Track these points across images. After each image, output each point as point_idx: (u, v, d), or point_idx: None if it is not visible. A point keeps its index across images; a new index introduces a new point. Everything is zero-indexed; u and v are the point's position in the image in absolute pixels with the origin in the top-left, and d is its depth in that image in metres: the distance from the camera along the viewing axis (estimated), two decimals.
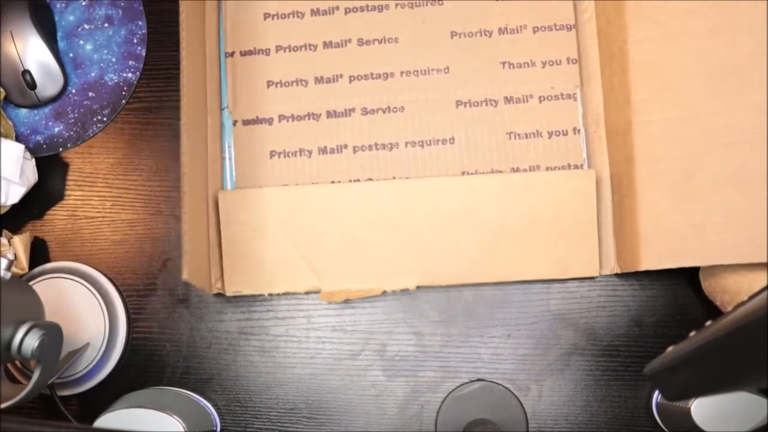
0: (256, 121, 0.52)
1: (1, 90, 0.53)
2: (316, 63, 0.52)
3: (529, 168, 0.51)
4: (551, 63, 0.52)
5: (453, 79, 0.52)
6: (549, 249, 0.49)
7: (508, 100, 0.51)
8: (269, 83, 0.52)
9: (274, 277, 0.50)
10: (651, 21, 0.46)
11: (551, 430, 0.51)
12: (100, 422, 0.47)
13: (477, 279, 0.50)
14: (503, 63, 0.52)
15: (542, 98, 0.51)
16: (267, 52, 0.52)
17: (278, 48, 0.52)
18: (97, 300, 0.51)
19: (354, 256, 0.49)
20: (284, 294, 0.51)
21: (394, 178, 0.51)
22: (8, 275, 0.41)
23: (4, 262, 0.40)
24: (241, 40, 0.53)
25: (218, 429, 0.51)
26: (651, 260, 0.46)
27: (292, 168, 0.52)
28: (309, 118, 0.52)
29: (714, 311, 0.49)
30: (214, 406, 0.52)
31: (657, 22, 0.46)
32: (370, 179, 0.51)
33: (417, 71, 0.52)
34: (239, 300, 0.52)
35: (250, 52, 0.52)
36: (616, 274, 0.51)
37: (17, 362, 0.52)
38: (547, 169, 0.51)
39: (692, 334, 0.28)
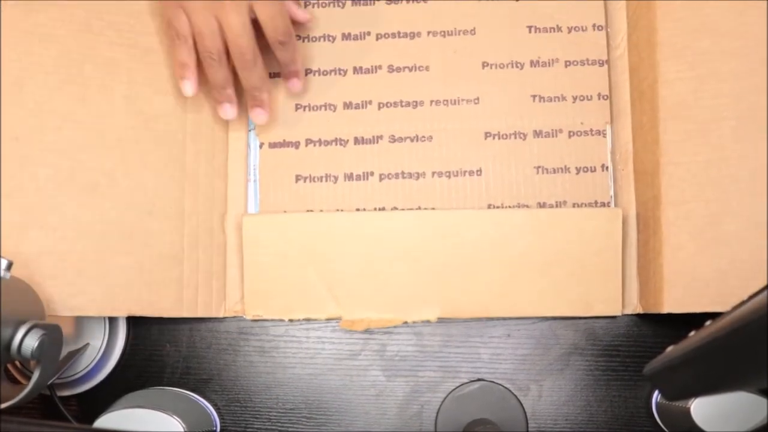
0: (283, 144, 0.54)
1: None
2: (346, 88, 0.53)
3: (556, 203, 0.52)
4: (582, 98, 0.52)
5: (483, 110, 0.53)
6: (572, 286, 0.50)
7: (537, 133, 0.53)
8: (297, 106, 0.54)
9: (295, 303, 0.51)
10: (683, 60, 0.47)
11: (551, 430, 0.52)
12: (100, 422, 0.48)
13: (498, 313, 0.51)
14: (534, 96, 0.53)
15: (572, 133, 0.53)
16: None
17: (307, 71, 0.54)
18: None
19: (376, 286, 0.51)
20: (304, 320, 0.52)
21: (419, 208, 0.52)
22: (8, 275, 0.41)
23: (4, 263, 0.41)
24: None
25: (218, 429, 0.52)
26: (673, 303, 0.46)
27: (317, 193, 0.53)
28: (336, 144, 0.53)
29: None
30: (214, 406, 0.52)
31: (689, 62, 0.47)
32: (395, 208, 0.53)
33: (447, 101, 0.53)
34: None
35: (279, 73, 0.54)
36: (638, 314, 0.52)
37: (17, 362, 0.53)
38: (573, 205, 0.52)
39: (692, 333, 0.29)
